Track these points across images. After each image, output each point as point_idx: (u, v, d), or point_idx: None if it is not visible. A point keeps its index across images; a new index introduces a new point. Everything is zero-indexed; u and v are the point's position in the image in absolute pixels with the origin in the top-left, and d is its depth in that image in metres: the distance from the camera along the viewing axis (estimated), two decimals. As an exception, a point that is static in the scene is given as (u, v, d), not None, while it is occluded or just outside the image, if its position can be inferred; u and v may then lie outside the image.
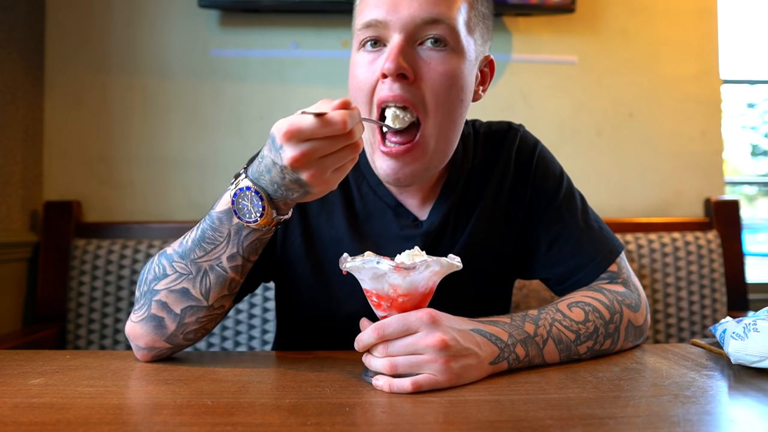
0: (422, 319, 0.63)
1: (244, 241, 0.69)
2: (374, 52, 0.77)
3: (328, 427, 0.51)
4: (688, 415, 0.54)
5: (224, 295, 0.73)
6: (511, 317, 0.73)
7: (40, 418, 0.53)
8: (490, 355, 0.67)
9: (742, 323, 0.69)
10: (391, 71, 0.73)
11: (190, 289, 0.71)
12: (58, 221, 1.64)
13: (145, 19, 1.78)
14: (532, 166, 0.91)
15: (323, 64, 1.81)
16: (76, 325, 1.55)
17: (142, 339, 0.73)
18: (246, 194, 0.66)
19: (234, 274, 0.72)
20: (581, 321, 0.76)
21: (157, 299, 0.72)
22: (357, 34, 0.79)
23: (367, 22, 0.76)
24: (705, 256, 1.68)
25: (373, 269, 0.62)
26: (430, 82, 0.75)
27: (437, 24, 0.74)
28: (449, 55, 0.76)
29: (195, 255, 0.71)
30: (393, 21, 0.74)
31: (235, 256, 0.70)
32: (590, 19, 1.88)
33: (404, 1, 0.74)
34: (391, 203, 0.88)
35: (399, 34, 0.74)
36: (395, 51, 0.73)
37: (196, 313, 0.72)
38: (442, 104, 0.76)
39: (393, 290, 0.63)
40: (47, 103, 1.75)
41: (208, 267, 0.71)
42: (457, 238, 0.88)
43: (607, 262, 0.87)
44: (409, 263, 0.62)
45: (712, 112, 1.90)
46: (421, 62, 0.75)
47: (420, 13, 0.74)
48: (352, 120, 0.60)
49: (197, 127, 1.78)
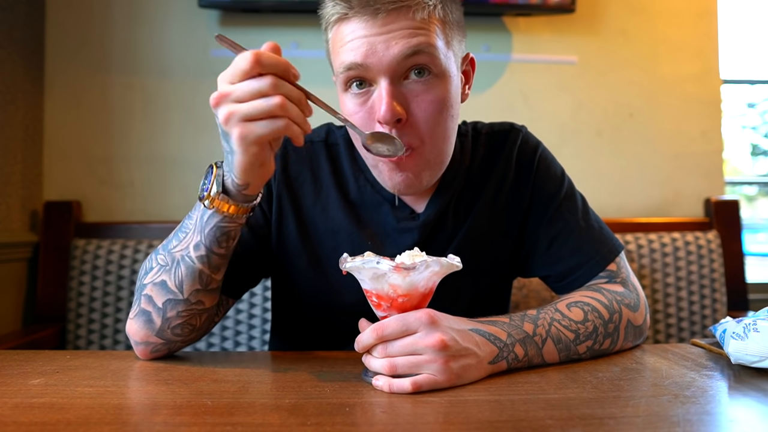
0: (421, 320, 0.63)
1: (206, 227, 0.70)
2: (362, 94, 0.77)
3: (328, 427, 0.51)
4: (688, 415, 0.54)
5: (197, 290, 0.73)
6: (510, 317, 0.73)
7: (40, 418, 0.53)
8: (489, 355, 0.67)
9: (742, 323, 0.69)
10: (388, 120, 0.73)
11: (167, 281, 0.73)
12: (58, 221, 1.64)
13: (145, 19, 1.78)
14: (534, 166, 0.92)
15: (323, 64, 1.78)
16: (76, 325, 1.55)
17: (137, 334, 0.75)
18: (207, 171, 0.70)
19: (201, 266, 0.72)
20: (580, 321, 0.76)
21: (145, 293, 0.74)
22: (339, 75, 0.78)
23: (347, 65, 0.75)
24: (705, 256, 1.68)
25: (373, 269, 0.62)
26: (422, 114, 0.76)
27: (418, 54, 0.74)
28: (434, 82, 0.76)
29: (172, 245, 0.73)
30: (374, 63, 0.73)
31: (199, 245, 0.71)
32: (590, 19, 1.88)
33: (380, 42, 0.73)
34: (388, 196, 0.88)
35: (384, 77, 0.74)
36: (387, 98, 0.73)
37: (175, 306, 0.73)
38: (436, 130, 0.78)
39: (393, 290, 0.63)
40: (47, 103, 1.75)
41: (180, 257, 0.72)
42: (455, 233, 0.89)
43: (606, 261, 0.87)
44: (409, 263, 0.62)
45: (712, 112, 1.90)
46: (410, 97, 0.76)
47: (399, 52, 0.73)
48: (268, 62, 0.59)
49: (197, 127, 1.78)
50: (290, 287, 0.92)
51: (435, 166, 0.81)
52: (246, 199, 0.70)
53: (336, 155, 0.92)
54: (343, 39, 0.76)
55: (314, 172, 0.91)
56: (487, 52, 1.85)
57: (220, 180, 0.68)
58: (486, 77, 1.85)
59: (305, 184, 0.90)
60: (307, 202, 0.89)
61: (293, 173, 0.90)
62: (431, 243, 0.88)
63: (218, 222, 0.70)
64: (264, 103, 0.59)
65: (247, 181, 0.66)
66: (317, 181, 0.90)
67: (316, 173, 0.90)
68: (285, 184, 0.89)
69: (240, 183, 0.67)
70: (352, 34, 0.74)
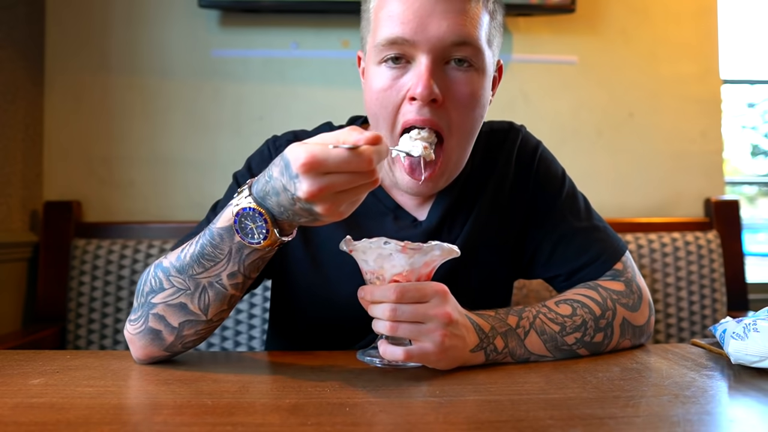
0: (438, 292, 0.65)
1: (246, 259, 0.67)
2: (397, 69, 0.75)
3: (328, 427, 0.51)
4: (688, 415, 0.54)
5: (223, 310, 0.72)
6: (497, 311, 0.75)
7: (40, 418, 0.53)
8: (471, 343, 0.69)
9: (742, 323, 0.69)
10: (424, 98, 0.72)
11: (188, 304, 0.69)
12: (58, 221, 1.64)
13: (145, 18, 1.78)
14: (533, 166, 0.91)
15: (323, 64, 1.80)
16: (76, 325, 1.55)
17: (141, 351, 0.73)
18: (249, 215, 0.63)
19: (234, 291, 0.70)
20: (567, 314, 0.77)
21: (155, 312, 0.71)
22: (378, 49, 0.76)
23: (391, 38, 0.73)
24: (705, 256, 1.68)
25: (379, 249, 0.64)
26: (456, 102, 0.75)
27: (464, 46, 0.73)
28: (473, 75, 0.76)
29: (193, 271, 0.68)
30: (421, 41, 0.72)
31: (236, 274, 0.68)
32: (590, 19, 1.88)
33: (433, 21, 0.72)
34: (390, 206, 0.88)
35: (427, 55, 0.73)
36: (427, 75, 0.72)
37: (194, 326, 0.71)
38: (465, 123, 0.77)
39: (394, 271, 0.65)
40: (47, 103, 1.75)
41: (207, 284, 0.69)
42: (455, 236, 0.88)
43: (612, 261, 0.87)
44: (415, 244, 0.64)
45: (712, 112, 1.90)
46: (449, 82, 0.75)
47: (449, 35, 0.72)
48: (378, 157, 0.56)
49: (197, 127, 1.78)
50: (290, 291, 0.92)
51: (456, 163, 0.81)
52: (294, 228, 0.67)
53: None
54: (391, 11, 0.74)
55: None
56: (487, 52, 1.85)
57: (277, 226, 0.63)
58: (486, 77, 1.85)
59: None
60: None
61: None
62: None
63: (263, 254, 0.67)
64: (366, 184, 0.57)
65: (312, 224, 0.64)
66: None
67: None
68: None
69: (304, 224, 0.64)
70: (402, 5, 0.73)
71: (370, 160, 0.55)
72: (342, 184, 0.56)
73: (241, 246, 0.66)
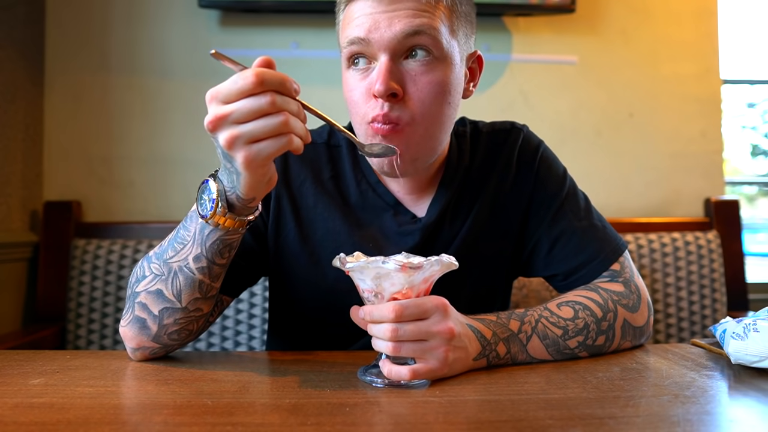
0: (438, 307, 0.64)
1: (207, 240, 0.69)
2: (362, 71, 0.78)
3: (328, 427, 0.51)
4: (688, 415, 0.54)
5: (197, 298, 0.72)
6: (498, 315, 0.74)
7: (40, 418, 0.53)
8: (474, 352, 0.69)
9: (742, 323, 0.69)
10: (382, 93, 0.74)
11: (163, 290, 0.71)
12: (58, 221, 1.64)
13: (145, 18, 1.78)
14: (535, 165, 0.92)
15: (323, 64, 1.80)
16: (76, 325, 1.55)
17: (132, 341, 0.75)
18: (206, 187, 0.67)
19: (202, 276, 0.71)
20: (570, 318, 0.77)
21: (138, 301, 0.73)
22: (343, 51, 0.79)
23: (350, 39, 0.76)
24: (705, 256, 1.68)
25: (377, 269, 0.62)
26: (418, 94, 0.76)
27: (419, 35, 0.75)
28: (434, 64, 0.77)
29: (167, 255, 0.71)
30: (376, 39, 0.74)
31: (200, 257, 0.70)
32: (590, 19, 1.88)
33: (384, 19, 0.74)
34: (390, 201, 0.88)
35: (384, 53, 0.75)
36: (383, 72, 0.74)
37: (172, 314, 0.72)
38: (431, 113, 0.78)
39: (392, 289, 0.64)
40: (47, 103, 1.75)
41: (177, 268, 0.71)
42: (455, 233, 0.88)
43: (610, 261, 0.87)
44: (416, 263, 0.62)
45: (712, 112, 1.90)
46: (408, 77, 0.76)
47: (401, 28, 0.74)
48: (271, 80, 0.57)
49: (197, 127, 1.77)
50: (288, 287, 0.92)
51: (424, 149, 0.80)
52: (250, 211, 0.70)
53: (338, 158, 0.92)
54: (351, 16, 0.77)
55: (315, 173, 0.90)
56: (487, 52, 1.85)
57: (224, 198, 0.66)
58: (486, 77, 1.85)
59: (305, 185, 0.90)
60: (307, 203, 0.89)
61: (294, 174, 0.90)
62: (432, 244, 0.88)
63: (221, 236, 0.69)
64: (269, 123, 0.58)
65: (253, 196, 0.66)
66: (318, 183, 0.90)
67: (317, 175, 0.90)
68: (285, 185, 0.89)
69: (246, 198, 0.66)
70: (360, 11, 0.76)
71: (257, 78, 0.56)
72: (241, 116, 0.58)
73: (203, 226, 0.68)
